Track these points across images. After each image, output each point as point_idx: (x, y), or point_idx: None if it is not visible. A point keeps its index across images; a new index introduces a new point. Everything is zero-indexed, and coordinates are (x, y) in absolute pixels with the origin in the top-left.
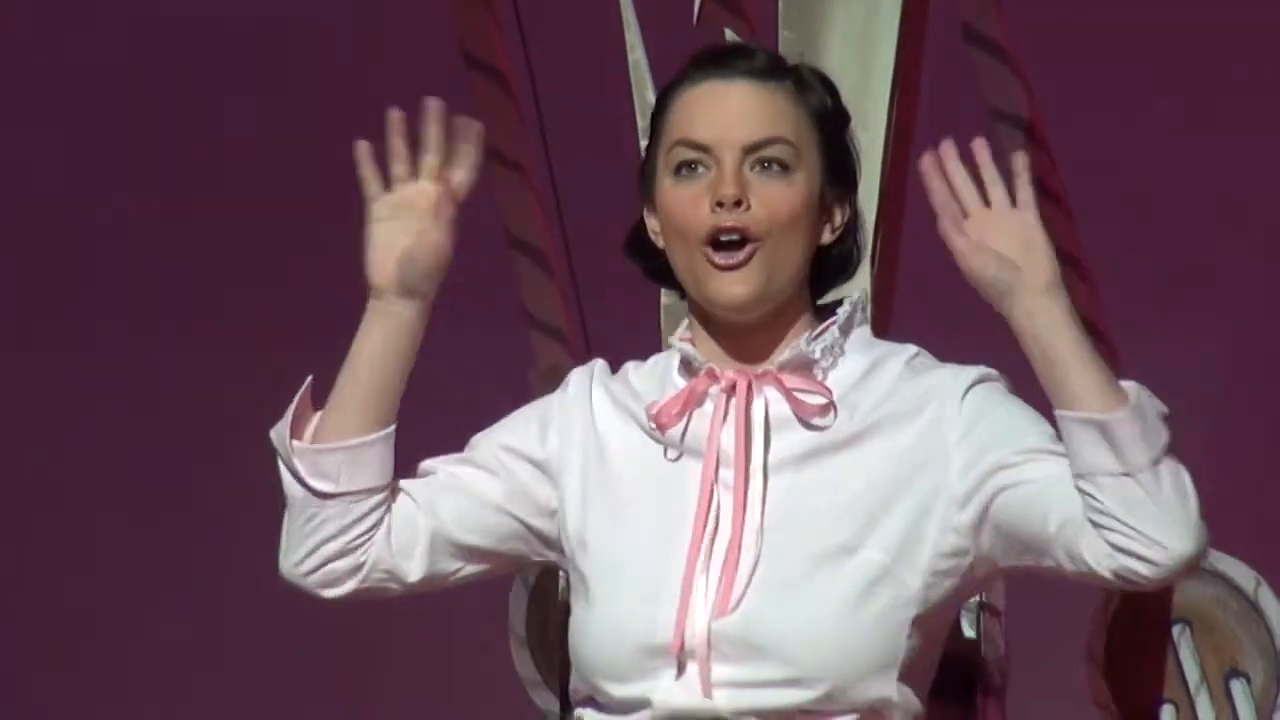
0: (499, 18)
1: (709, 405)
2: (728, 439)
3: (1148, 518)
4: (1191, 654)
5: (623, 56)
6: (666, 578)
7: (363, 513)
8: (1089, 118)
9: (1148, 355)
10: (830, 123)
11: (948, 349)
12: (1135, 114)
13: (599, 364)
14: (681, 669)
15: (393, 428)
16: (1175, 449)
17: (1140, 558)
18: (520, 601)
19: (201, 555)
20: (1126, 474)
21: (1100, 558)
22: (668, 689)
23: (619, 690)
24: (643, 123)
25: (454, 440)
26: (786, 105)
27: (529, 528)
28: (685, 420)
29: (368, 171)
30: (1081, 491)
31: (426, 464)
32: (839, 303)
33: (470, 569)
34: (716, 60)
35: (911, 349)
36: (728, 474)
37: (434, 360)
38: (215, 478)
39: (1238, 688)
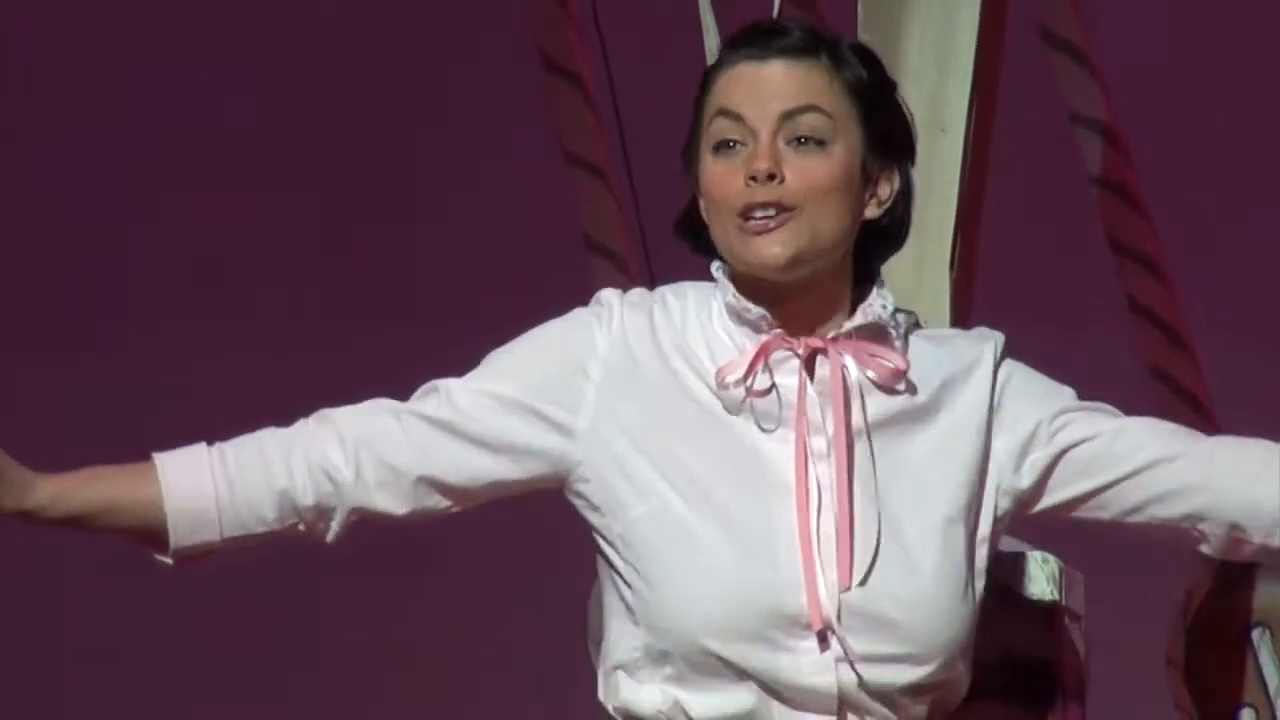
0: (577, 22)
1: (784, 369)
2: (813, 405)
3: None
4: (1271, 657)
5: (702, 61)
6: (775, 544)
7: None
8: (1167, 119)
9: (1225, 356)
10: (870, 93)
11: (1025, 350)
12: (1213, 114)
13: (628, 313)
14: (823, 642)
15: (154, 488)
16: None
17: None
18: (599, 606)
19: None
20: None
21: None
22: (810, 664)
23: (728, 650)
24: None
25: None
26: (821, 79)
27: (536, 479)
28: (770, 384)
29: None
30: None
31: (442, 385)
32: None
33: (467, 505)
34: (751, 40)
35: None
36: (818, 441)
37: None
38: None
39: None
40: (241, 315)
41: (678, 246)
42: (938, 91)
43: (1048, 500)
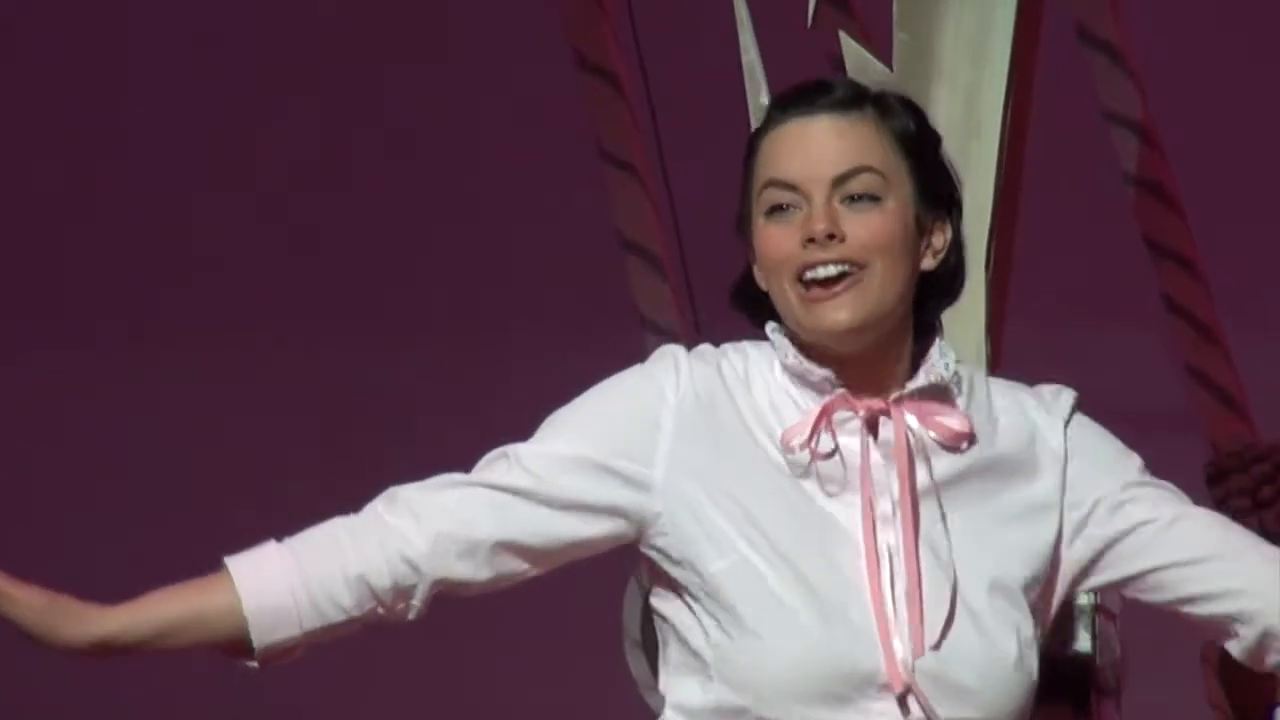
0: (613, 20)
1: (846, 430)
2: (877, 467)
3: None
4: None
5: (736, 58)
6: (849, 604)
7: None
8: (1203, 118)
9: (1262, 357)
10: (917, 145)
11: (1064, 345)
12: (1249, 113)
13: (695, 366)
14: (902, 706)
15: (235, 597)
16: None
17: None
18: (635, 604)
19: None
20: None
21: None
22: None
23: (808, 708)
24: (756, 125)
25: None
26: (870, 134)
27: (615, 536)
28: (834, 447)
29: None
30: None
31: (511, 451)
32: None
33: (548, 568)
34: (796, 99)
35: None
36: (884, 503)
37: (546, 361)
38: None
39: None
40: (255, 319)
41: (711, 243)
42: (973, 91)
43: (1096, 578)
